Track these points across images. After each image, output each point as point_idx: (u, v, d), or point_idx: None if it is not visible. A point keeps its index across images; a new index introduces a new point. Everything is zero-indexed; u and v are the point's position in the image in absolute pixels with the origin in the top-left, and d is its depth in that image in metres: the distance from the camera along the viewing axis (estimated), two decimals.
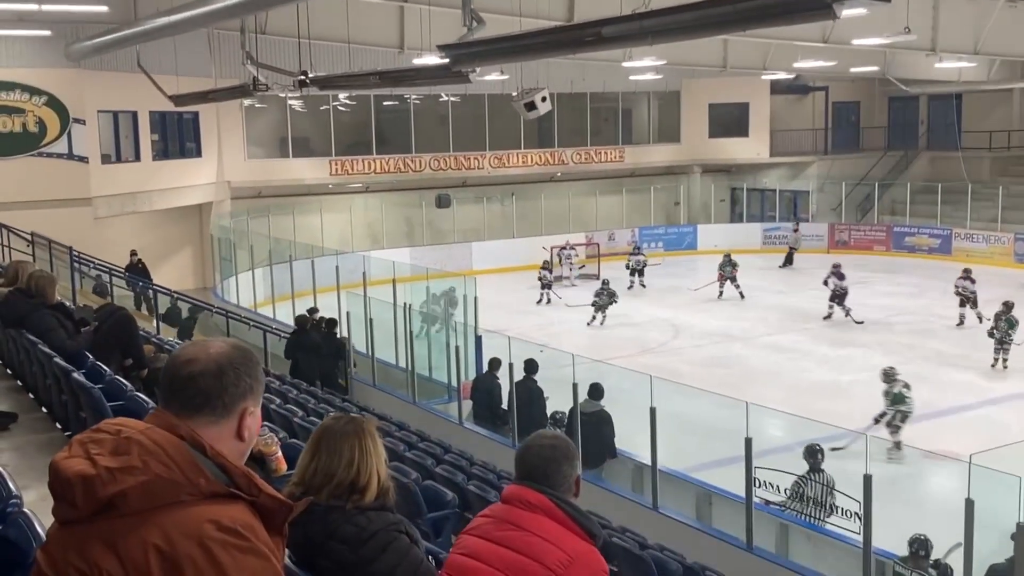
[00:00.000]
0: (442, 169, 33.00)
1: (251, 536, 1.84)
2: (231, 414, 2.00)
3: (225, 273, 26.69)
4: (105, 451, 1.84)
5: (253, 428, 2.05)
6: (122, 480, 1.80)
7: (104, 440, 1.87)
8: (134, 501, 1.79)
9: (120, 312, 8.27)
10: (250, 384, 2.03)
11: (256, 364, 2.07)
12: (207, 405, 1.97)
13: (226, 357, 2.01)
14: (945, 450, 12.50)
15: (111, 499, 1.79)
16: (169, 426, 1.92)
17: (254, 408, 2.04)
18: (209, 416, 1.97)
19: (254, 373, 2.05)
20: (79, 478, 1.80)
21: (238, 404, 2.00)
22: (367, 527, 3.05)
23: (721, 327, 23.25)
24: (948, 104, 37.25)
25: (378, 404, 15.14)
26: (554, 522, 2.90)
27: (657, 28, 9.59)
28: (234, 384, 1.99)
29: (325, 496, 3.10)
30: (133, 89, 22.80)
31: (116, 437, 1.87)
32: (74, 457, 1.85)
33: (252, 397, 2.03)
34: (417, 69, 18.01)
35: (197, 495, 1.83)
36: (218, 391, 1.98)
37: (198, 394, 1.97)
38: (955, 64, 27.23)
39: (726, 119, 37.21)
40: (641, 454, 12.03)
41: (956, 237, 32.12)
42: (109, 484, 1.79)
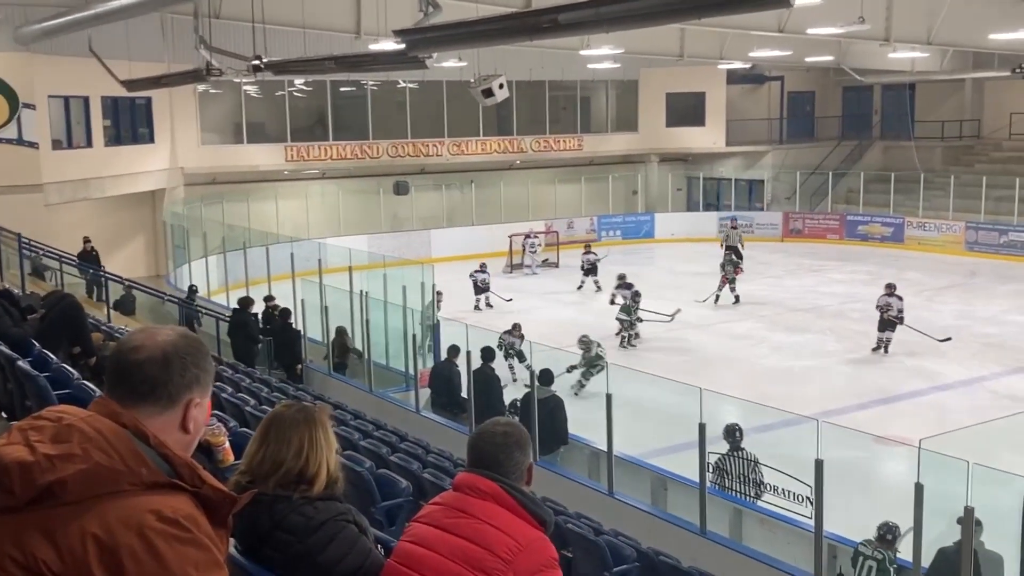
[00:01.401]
0: (400, 156, 32.85)
1: (192, 527, 1.80)
2: (176, 404, 1.95)
3: (178, 261, 26.38)
4: (45, 438, 1.80)
5: (199, 420, 2.00)
6: (61, 468, 1.76)
7: (44, 427, 1.83)
8: (73, 489, 1.75)
9: (68, 299, 8.14)
10: (196, 375, 1.98)
11: (205, 354, 2.03)
12: (152, 394, 1.93)
13: (173, 346, 1.97)
14: (896, 435, 12.70)
15: (50, 487, 1.75)
16: (111, 414, 1.88)
17: (200, 399, 2.00)
18: (153, 405, 1.93)
19: (202, 363, 2.01)
20: (17, 465, 1.76)
21: (183, 394, 1.96)
22: (314, 517, 3.01)
23: (679, 315, 23.36)
24: (901, 94, 37.73)
25: (334, 393, 15.06)
26: (504, 509, 2.88)
27: (613, 15, 9.59)
28: (180, 374, 1.95)
29: (272, 485, 3.05)
30: (85, 74, 22.41)
31: (57, 424, 1.83)
32: (13, 444, 1.81)
33: (199, 388, 1.99)
34: (374, 55, 17.89)
35: (138, 485, 1.80)
36: (164, 380, 1.93)
37: (143, 382, 1.93)
38: (908, 54, 27.55)
39: (683, 108, 37.38)
40: (597, 440, 12.08)
41: (908, 226, 32.57)
42: (48, 471, 1.75)
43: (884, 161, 37.25)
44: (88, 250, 22.87)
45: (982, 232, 30.76)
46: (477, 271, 25.03)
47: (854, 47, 30.44)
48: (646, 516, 10.65)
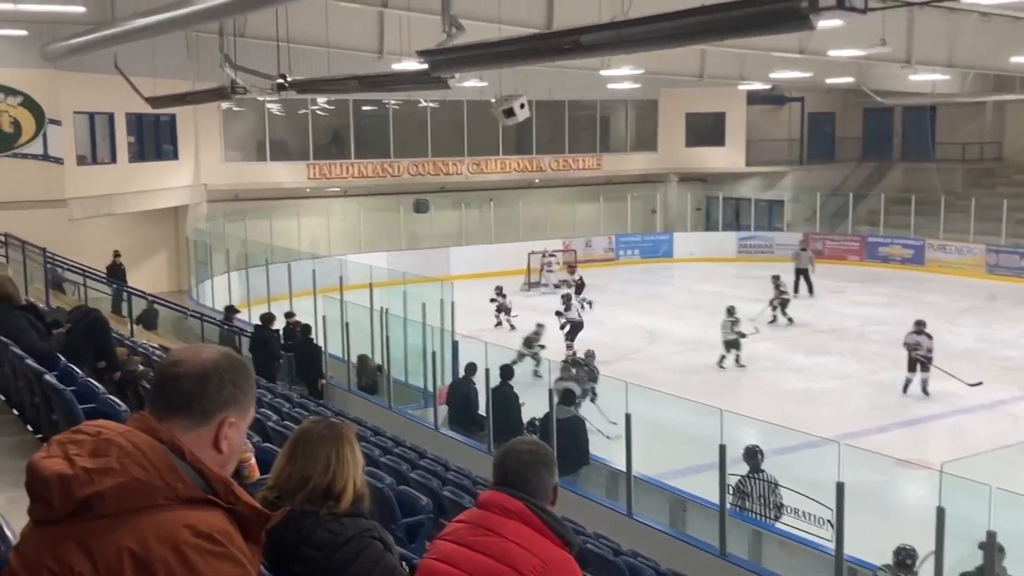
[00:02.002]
0: (420, 174, 32.99)
1: (227, 542, 1.83)
2: (210, 421, 1.98)
3: (200, 276, 26.53)
4: (84, 452, 1.83)
5: (234, 441, 2.01)
6: (99, 481, 1.79)
7: (83, 441, 1.86)
8: (110, 503, 1.78)
9: (93, 314, 8.22)
10: (234, 394, 2.00)
11: (246, 376, 2.04)
12: (186, 408, 1.96)
13: (213, 362, 2.00)
14: (917, 458, 12.63)
15: (87, 500, 1.78)
16: (149, 429, 1.91)
17: (236, 420, 2.01)
18: (187, 419, 1.96)
19: (241, 384, 2.02)
20: (56, 478, 1.80)
21: (218, 411, 1.98)
22: (341, 533, 3.04)
23: (697, 335, 23.33)
24: (922, 116, 37.63)
25: (354, 409, 15.10)
26: (530, 528, 2.90)
27: (635, 37, 9.63)
28: (216, 390, 1.98)
29: (300, 501, 3.09)
30: (110, 90, 22.63)
31: (95, 438, 1.86)
32: (52, 457, 1.84)
33: (235, 408, 2.01)
34: (396, 74, 17.99)
35: (174, 499, 1.83)
36: (199, 395, 1.96)
37: (179, 395, 1.97)
38: (929, 76, 27.50)
39: (702, 128, 37.40)
40: (615, 460, 12.06)
41: (929, 248, 32.40)
42: (86, 485, 1.79)
43: (905, 183, 37.10)
44: (117, 264, 23.05)
45: (1003, 255, 30.57)
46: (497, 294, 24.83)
47: (875, 69, 30.39)
48: (665, 537, 10.62)
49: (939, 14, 21.44)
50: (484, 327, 22.92)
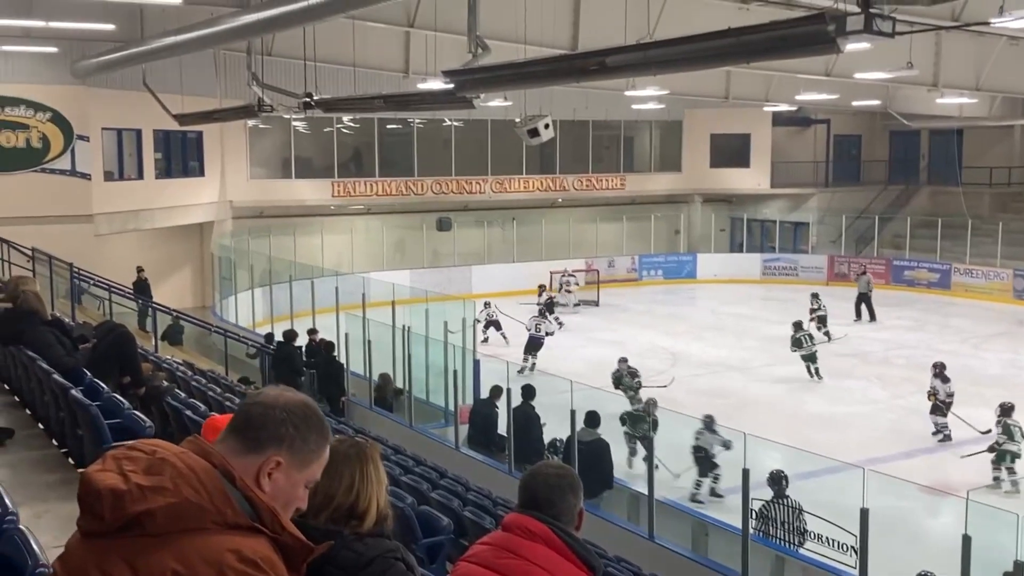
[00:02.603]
0: (444, 192, 33.10)
1: (269, 570, 1.84)
2: (260, 451, 1.97)
3: (225, 292, 26.69)
4: (139, 469, 1.84)
5: (280, 485, 1.99)
6: (152, 499, 1.80)
7: (139, 458, 1.88)
8: (160, 522, 1.79)
9: (119, 329, 8.27)
10: (292, 436, 1.99)
11: (313, 430, 2.03)
12: (244, 430, 1.99)
13: (286, 400, 2.02)
14: (943, 485, 12.49)
15: (138, 517, 1.79)
16: (203, 452, 1.93)
17: (287, 464, 1.99)
18: (241, 442, 1.98)
19: (304, 432, 2.01)
20: (110, 492, 1.81)
21: (270, 445, 1.98)
22: (364, 553, 3.03)
23: (720, 357, 23.24)
24: (949, 139, 37.41)
25: (375, 427, 15.10)
26: (554, 552, 2.88)
27: (661, 58, 9.65)
28: (274, 424, 1.98)
29: (323, 520, 3.08)
30: (138, 107, 22.88)
31: (151, 457, 1.87)
32: (107, 471, 1.85)
33: (290, 451, 1.99)
34: (422, 94, 18.10)
35: (221, 524, 1.83)
36: (258, 423, 1.98)
37: (244, 418, 2.01)
38: (956, 99, 27.36)
39: (727, 149, 37.36)
40: (637, 483, 11.99)
41: (955, 272, 32.16)
42: (139, 501, 1.79)
43: (931, 206, 36.87)
44: (142, 279, 23.23)
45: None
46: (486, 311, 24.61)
47: (901, 91, 30.30)
48: (687, 562, 10.53)
49: (967, 37, 21.36)
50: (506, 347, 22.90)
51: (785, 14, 15.66)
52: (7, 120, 22.15)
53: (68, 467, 6.28)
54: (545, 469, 3.09)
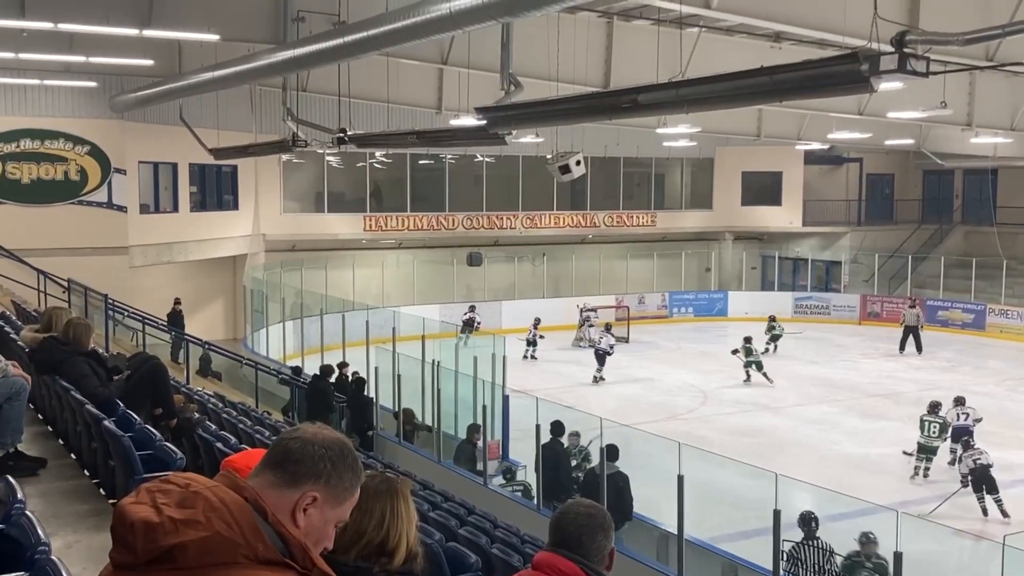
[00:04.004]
0: (475, 228, 33.23)
1: None
2: (296, 486, 1.98)
3: (256, 325, 26.85)
4: (172, 502, 1.85)
5: (313, 521, 1.99)
6: (184, 532, 1.80)
7: (172, 491, 1.88)
8: (192, 555, 1.79)
9: (153, 361, 8.33)
10: (328, 472, 2.00)
11: (348, 469, 2.04)
12: (282, 464, 1.99)
13: (324, 438, 2.03)
14: (977, 529, 12.28)
15: (170, 550, 1.79)
16: (236, 487, 1.93)
17: (321, 501, 1.99)
18: (278, 476, 1.98)
19: (340, 469, 2.02)
20: (143, 524, 1.81)
21: (306, 481, 1.98)
22: None
23: (750, 395, 23.06)
24: (983, 179, 37.12)
25: (403, 461, 15.08)
26: None
27: (693, 97, 9.67)
28: (312, 459, 1.99)
29: (353, 556, 3.07)
30: (174, 141, 23.21)
31: (184, 490, 1.88)
32: (141, 504, 1.86)
33: (325, 487, 2.00)
34: (454, 130, 18.23)
35: (253, 559, 1.83)
36: (296, 457, 1.99)
37: (281, 451, 2.01)
38: (991, 139, 27.17)
39: (759, 187, 37.29)
40: (666, 522, 11.88)
41: (990, 313, 31.79)
42: (171, 534, 1.79)
43: (965, 246, 36.55)
44: (177, 311, 23.44)
45: None
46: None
47: (935, 131, 30.15)
48: None
49: (1002, 77, 21.28)
50: (536, 383, 22.83)
51: (817, 53, 15.70)
52: (46, 153, 22.53)
53: (99, 498, 6.32)
54: (576, 508, 3.07)
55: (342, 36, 12.70)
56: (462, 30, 10.91)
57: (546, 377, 24.23)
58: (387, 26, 11.66)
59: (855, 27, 10.17)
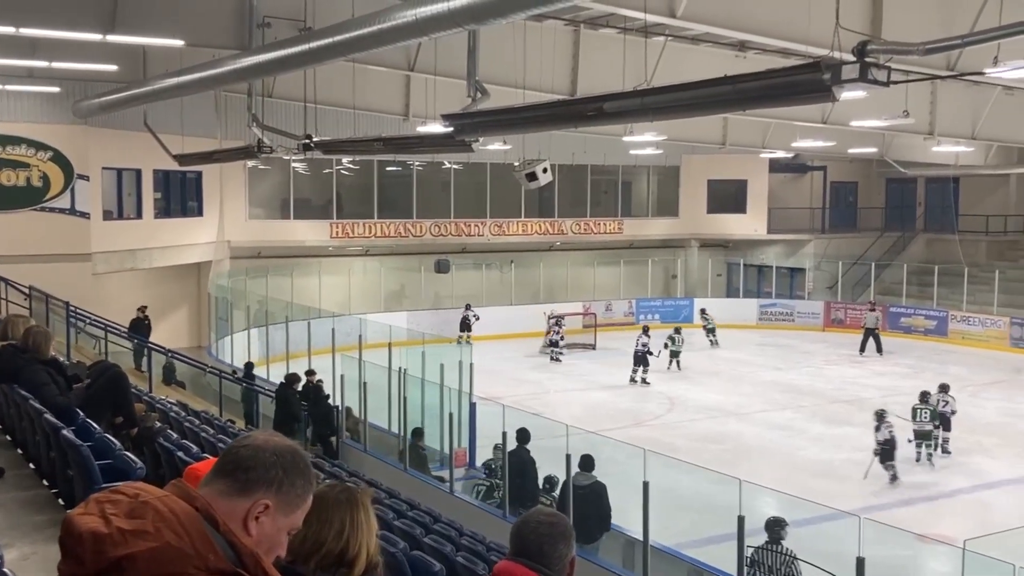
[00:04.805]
0: (442, 235, 33.20)
1: None
2: (248, 494, 1.96)
3: (221, 332, 26.64)
4: (121, 512, 1.82)
5: (265, 530, 1.98)
6: (133, 543, 1.77)
7: (121, 501, 1.86)
8: (142, 566, 1.77)
9: (113, 369, 8.23)
10: (280, 480, 1.98)
11: (300, 476, 2.03)
12: (233, 473, 1.97)
13: (275, 446, 2.02)
14: (940, 534, 12.40)
15: (119, 561, 1.77)
16: (186, 496, 1.91)
17: (273, 508, 1.98)
18: (229, 484, 1.96)
19: (292, 476, 2.01)
20: (91, 535, 1.79)
21: (259, 489, 1.97)
22: None
23: (716, 402, 23.19)
24: (945, 187, 37.65)
25: (369, 470, 15.01)
26: None
27: (658, 105, 9.73)
28: (264, 467, 1.98)
29: (313, 565, 3.05)
30: (138, 147, 23.00)
31: (133, 500, 1.86)
32: (89, 514, 1.83)
33: (277, 495, 1.98)
34: (421, 137, 18.20)
35: (203, 569, 1.81)
36: (247, 464, 1.97)
37: (232, 460, 1.99)
38: (952, 148, 27.55)
39: (724, 195, 37.56)
40: (633, 528, 11.90)
41: (952, 320, 32.18)
42: (120, 545, 1.77)
43: (927, 254, 37.02)
44: (141, 319, 23.18)
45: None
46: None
47: (898, 140, 30.53)
48: None
49: (963, 87, 21.57)
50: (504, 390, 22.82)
51: (781, 62, 15.84)
52: (8, 159, 22.24)
53: (58, 508, 6.23)
54: (536, 516, 3.06)
55: (308, 42, 12.64)
56: (428, 37, 10.89)
57: (514, 384, 24.22)
58: (353, 32, 11.62)
59: (819, 37, 10.26)
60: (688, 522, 13.59)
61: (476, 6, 9.18)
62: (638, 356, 25.55)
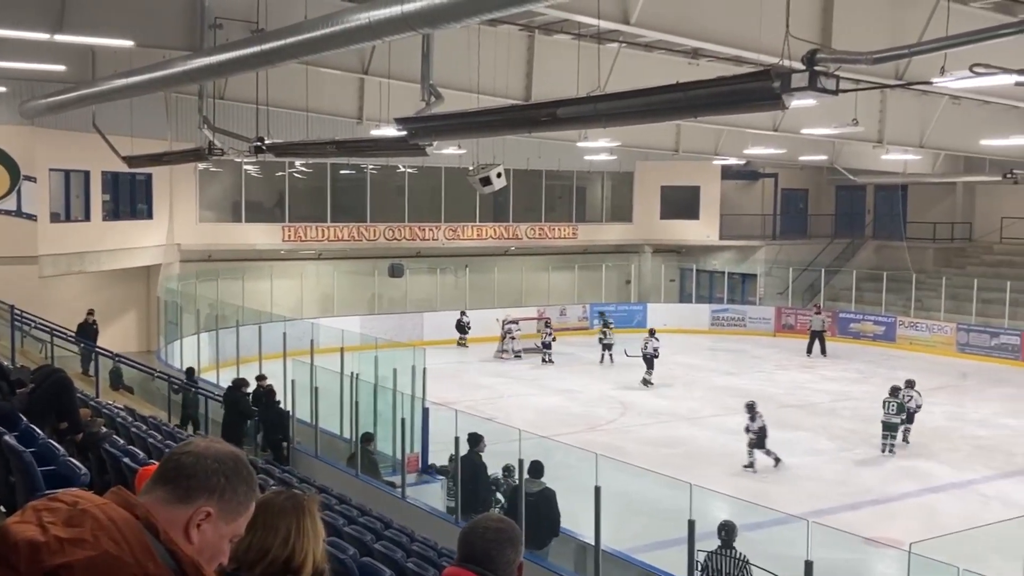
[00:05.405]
0: (396, 239, 33.07)
1: None
2: (190, 501, 1.93)
3: (170, 337, 26.31)
4: (58, 520, 1.78)
5: (207, 537, 1.94)
6: (70, 552, 1.73)
7: (59, 509, 1.82)
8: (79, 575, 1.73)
9: (58, 374, 8.10)
10: (223, 486, 1.95)
11: (243, 483, 1.99)
12: (175, 480, 1.93)
13: (217, 452, 1.98)
14: (886, 537, 12.57)
15: (56, 570, 1.72)
16: (126, 504, 1.87)
17: (216, 516, 1.94)
18: (171, 492, 1.92)
19: (235, 483, 1.97)
20: (27, 544, 1.74)
21: (201, 495, 1.93)
22: None
23: (668, 406, 23.33)
24: (894, 195, 38.27)
25: (320, 476, 14.89)
26: None
27: (611, 111, 9.76)
28: (206, 474, 1.94)
29: (258, 573, 3.01)
30: (87, 148, 22.65)
31: (71, 508, 1.81)
32: (26, 523, 1.79)
33: (220, 502, 1.95)
34: (375, 140, 18.13)
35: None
36: (188, 472, 1.94)
37: (174, 467, 1.95)
38: (901, 156, 28.03)
39: (677, 201, 37.83)
40: (584, 533, 11.93)
41: (900, 325, 32.67)
42: (57, 554, 1.73)
43: (876, 260, 37.57)
44: (89, 323, 22.81)
45: (973, 334, 30.85)
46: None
47: (848, 147, 30.93)
48: None
49: (911, 96, 21.92)
50: (457, 395, 22.79)
51: (733, 70, 15.96)
52: None
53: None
54: (484, 522, 3.05)
55: (260, 44, 12.53)
56: (382, 40, 10.85)
57: (468, 389, 24.19)
58: (306, 34, 11.54)
59: (770, 45, 10.37)
60: (640, 526, 13.64)
61: (430, 10, 9.16)
62: (647, 358, 25.93)
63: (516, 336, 30.35)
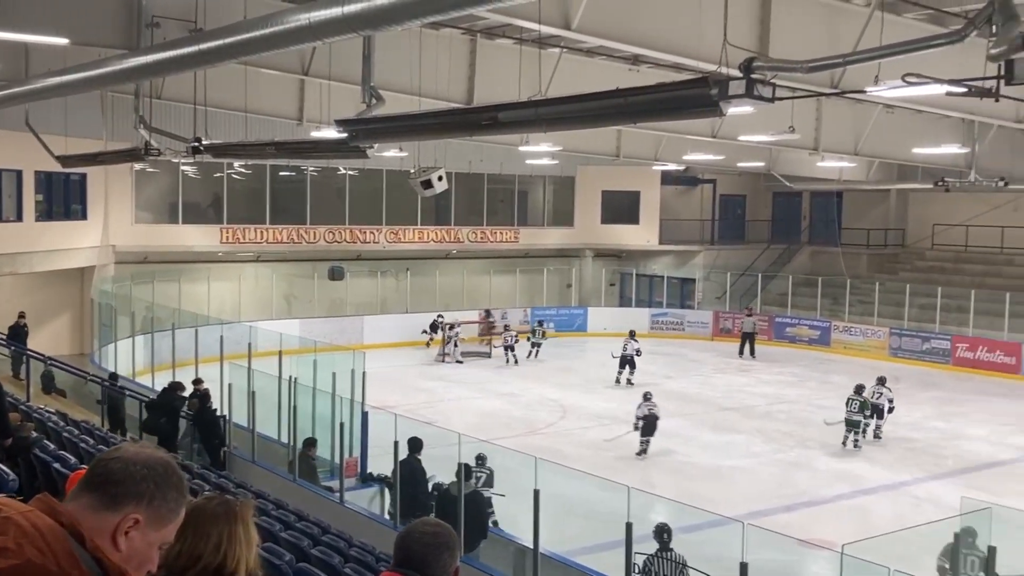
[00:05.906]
0: (337, 241, 32.83)
1: None
2: (117, 508, 1.89)
3: (104, 340, 25.84)
4: None
5: (135, 545, 1.91)
6: None
7: None
8: None
9: None
10: (152, 493, 1.92)
11: (172, 489, 1.96)
12: (102, 486, 1.90)
13: (147, 457, 1.95)
14: (820, 538, 12.77)
15: None
16: (51, 512, 1.84)
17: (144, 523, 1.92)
18: (98, 498, 1.89)
19: (164, 490, 1.94)
20: None
21: (129, 502, 1.90)
22: None
23: (608, 410, 23.45)
24: (829, 201, 38.99)
25: (256, 480, 14.73)
26: None
27: (551, 116, 9.80)
28: (134, 480, 1.91)
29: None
30: (19, 147, 22.16)
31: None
32: None
33: (148, 509, 1.92)
34: (315, 142, 18.00)
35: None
36: (118, 477, 1.90)
37: (101, 473, 1.92)
38: (836, 163, 28.52)
39: (618, 206, 38.12)
40: (523, 536, 11.95)
41: (835, 330, 33.23)
42: None
43: (812, 265, 38.21)
44: (19, 325, 22.32)
45: (905, 338, 31.47)
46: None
47: (784, 154, 31.43)
48: None
49: (846, 104, 22.31)
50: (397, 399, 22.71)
51: (674, 76, 16.16)
52: None
53: None
54: (420, 527, 3.05)
55: (198, 43, 12.34)
56: (322, 41, 10.76)
57: (408, 393, 24.10)
58: (245, 35, 11.39)
59: (708, 53, 10.47)
60: (578, 529, 13.69)
61: (370, 12, 9.10)
62: (625, 359, 26.49)
63: (458, 341, 30.30)
